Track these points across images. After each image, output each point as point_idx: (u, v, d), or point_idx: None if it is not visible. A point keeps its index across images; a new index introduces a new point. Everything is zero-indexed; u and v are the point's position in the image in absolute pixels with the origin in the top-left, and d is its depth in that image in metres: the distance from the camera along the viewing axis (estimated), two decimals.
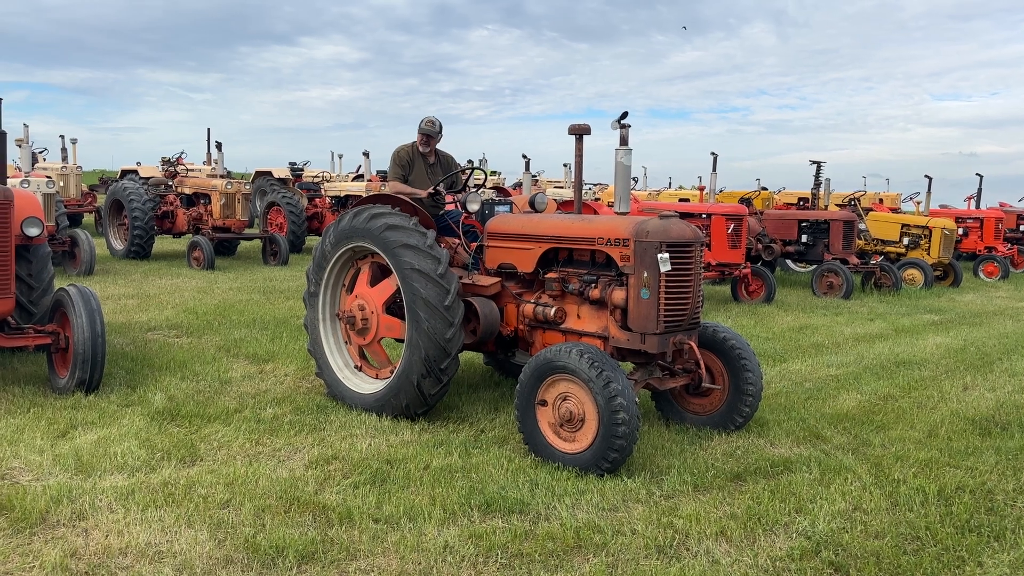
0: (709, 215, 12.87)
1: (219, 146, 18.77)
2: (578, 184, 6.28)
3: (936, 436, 6.02)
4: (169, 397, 6.36)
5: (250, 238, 17.65)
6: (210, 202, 16.48)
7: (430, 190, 6.81)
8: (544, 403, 5.17)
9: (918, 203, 21.10)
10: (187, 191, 16.92)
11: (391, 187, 7.01)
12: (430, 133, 7.07)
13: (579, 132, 5.98)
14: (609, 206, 15.99)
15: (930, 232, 16.42)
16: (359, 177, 23.92)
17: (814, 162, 16.09)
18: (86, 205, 21.47)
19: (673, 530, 4.22)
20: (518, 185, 23.27)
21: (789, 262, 17.02)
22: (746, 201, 16.36)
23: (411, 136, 7.26)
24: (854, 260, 14.68)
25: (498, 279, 6.09)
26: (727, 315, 11.54)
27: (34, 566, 3.70)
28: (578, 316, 5.76)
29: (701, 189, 17.17)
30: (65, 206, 16.93)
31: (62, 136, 22.97)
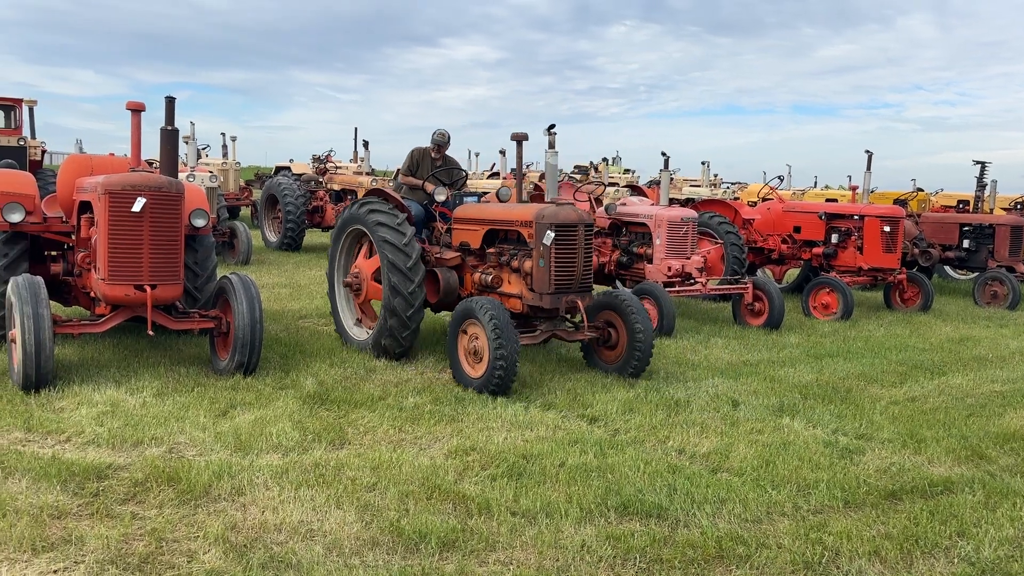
0: (862, 216, 12.19)
1: (366, 145, 19.51)
2: (519, 181, 8.16)
3: None
4: (319, 382, 6.67)
5: None
6: (356, 198, 17.12)
7: (427, 183, 8.46)
8: (462, 339, 6.80)
9: None
10: (335, 187, 17.68)
11: (400, 178, 9.04)
12: (442, 143, 8.90)
13: (519, 139, 7.80)
14: (751, 205, 15.47)
15: None
16: (495, 175, 24.19)
17: (978, 162, 15.04)
18: (243, 199, 22.68)
19: (822, 546, 4.04)
20: (654, 183, 22.83)
21: (948, 268, 15.95)
22: (901, 202, 15.43)
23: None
24: (1021, 268, 13.59)
25: (459, 254, 7.80)
26: (879, 323, 10.93)
27: (198, 536, 3.96)
28: (508, 282, 7.41)
29: (853, 189, 16.28)
30: (225, 199, 18.05)
31: (223, 133, 24.42)
